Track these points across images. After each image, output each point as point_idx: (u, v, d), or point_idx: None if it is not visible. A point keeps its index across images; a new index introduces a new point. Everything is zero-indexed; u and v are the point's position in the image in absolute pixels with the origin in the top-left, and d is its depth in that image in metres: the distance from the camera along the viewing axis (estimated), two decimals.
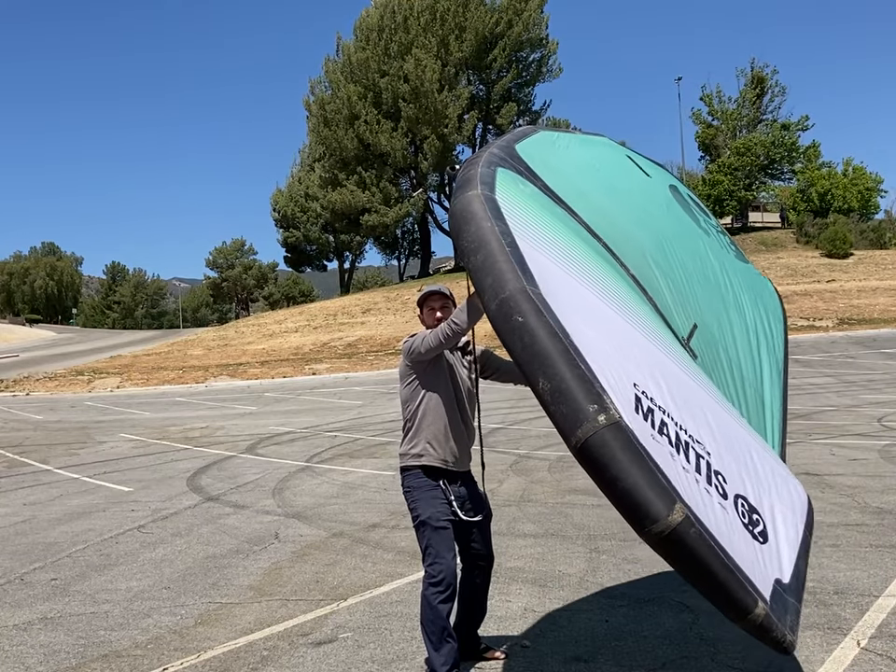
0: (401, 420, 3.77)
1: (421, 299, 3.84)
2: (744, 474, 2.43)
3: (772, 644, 2.13)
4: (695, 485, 2.15)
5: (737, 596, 2.04)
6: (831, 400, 13.31)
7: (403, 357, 3.67)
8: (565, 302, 2.34)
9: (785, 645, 2.12)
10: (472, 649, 3.84)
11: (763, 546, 2.26)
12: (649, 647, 3.96)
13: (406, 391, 3.69)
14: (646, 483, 2.00)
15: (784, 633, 2.12)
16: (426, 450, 3.62)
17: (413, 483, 3.63)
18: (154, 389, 25.15)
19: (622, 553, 5.57)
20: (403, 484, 3.70)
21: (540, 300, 2.27)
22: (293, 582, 5.29)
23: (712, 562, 2.01)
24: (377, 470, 9.22)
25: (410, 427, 3.68)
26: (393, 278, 75.78)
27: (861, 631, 4.00)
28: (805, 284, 37.05)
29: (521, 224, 2.61)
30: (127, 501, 8.31)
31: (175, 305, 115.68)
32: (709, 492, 2.19)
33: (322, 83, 59.01)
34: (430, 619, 3.50)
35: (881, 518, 6.11)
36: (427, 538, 3.54)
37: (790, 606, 2.21)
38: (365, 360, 28.96)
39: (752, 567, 2.14)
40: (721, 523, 2.12)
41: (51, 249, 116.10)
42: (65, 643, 4.42)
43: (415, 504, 3.61)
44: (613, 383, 2.17)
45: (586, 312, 2.46)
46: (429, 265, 68.74)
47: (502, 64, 56.41)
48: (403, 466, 3.70)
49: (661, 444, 2.15)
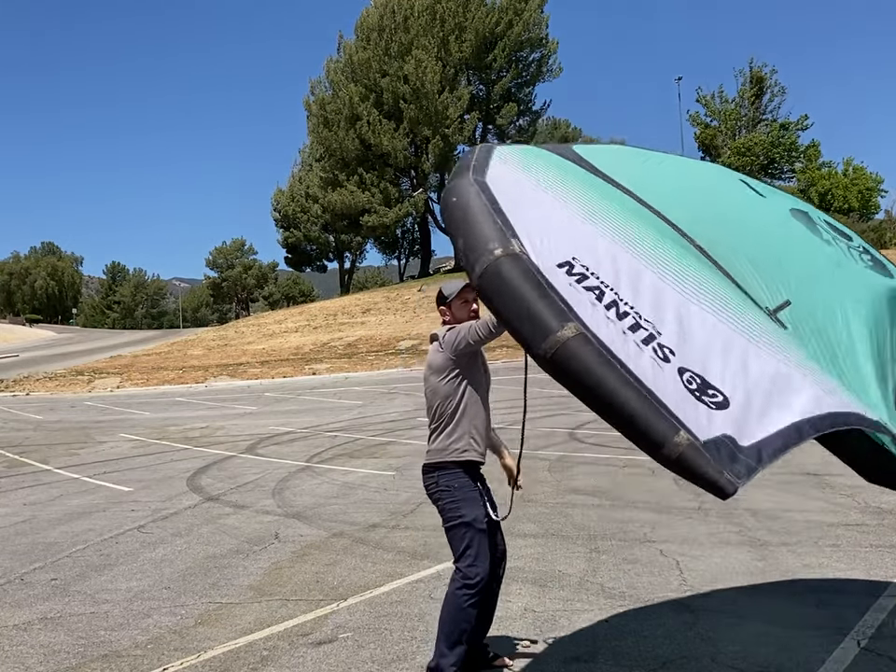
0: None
1: (449, 294, 3.66)
2: (725, 370, 2.20)
3: (705, 485, 1.93)
4: (612, 326, 2.14)
5: (650, 423, 1.96)
6: None
7: (446, 351, 3.53)
8: (515, 196, 2.48)
9: (720, 484, 1.90)
10: (481, 656, 3.79)
11: (717, 411, 2.07)
12: (649, 647, 3.96)
13: (447, 386, 3.55)
14: (541, 303, 2.11)
15: (720, 470, 1.91)
16: (469, 444, 3.56)
17: (454, 483, 3.54)
18: (154, 389, 25.15)
19: (622, 553, 5.57)
20: (439, 483, 3.58)
21: (484, 186, 2.46)
22: (293, 582, 5.29)
23: (611, 379, 2.00)
24: (377, 470, 9.22)
25: (448, 423, 3.56)
26: (393, 278, 75.79)
27: (861, 631, 4.00)
28: None
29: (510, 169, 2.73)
30: (127, 501, 8.31)
31: (175, 305, 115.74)
32: (632, 340, 2.13)
33: (322, 84, 59.03)
34: (456, 619, 3.46)
35: (881, 518, 6.12)
36: (470, 538, 3.48)
37: (739, 459, 1.97)
38: (365, 360, 28.96)
39: (682, 407, 2.01)
40: (643, 365, 2.07)
41: (51, 249, 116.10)
42: (65, 643, 4.42)
43: (457, 504, 3.52)
44: (534, 239, 2.28)
45: (548, 208, 2.54)
46: (429, 265, 68.71)
47: (502, 64, 56.41)
48: (440, 462, 3.57)
49: (578, 291, 2.20)
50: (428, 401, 3.66)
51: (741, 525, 6.08)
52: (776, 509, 6.52)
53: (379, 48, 53.78)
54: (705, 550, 5.51)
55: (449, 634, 3.48)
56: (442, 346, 3.55)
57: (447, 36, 52.78)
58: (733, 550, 5.48)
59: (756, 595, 4.61)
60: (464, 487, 3.55)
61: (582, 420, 12.39)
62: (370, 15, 56.06)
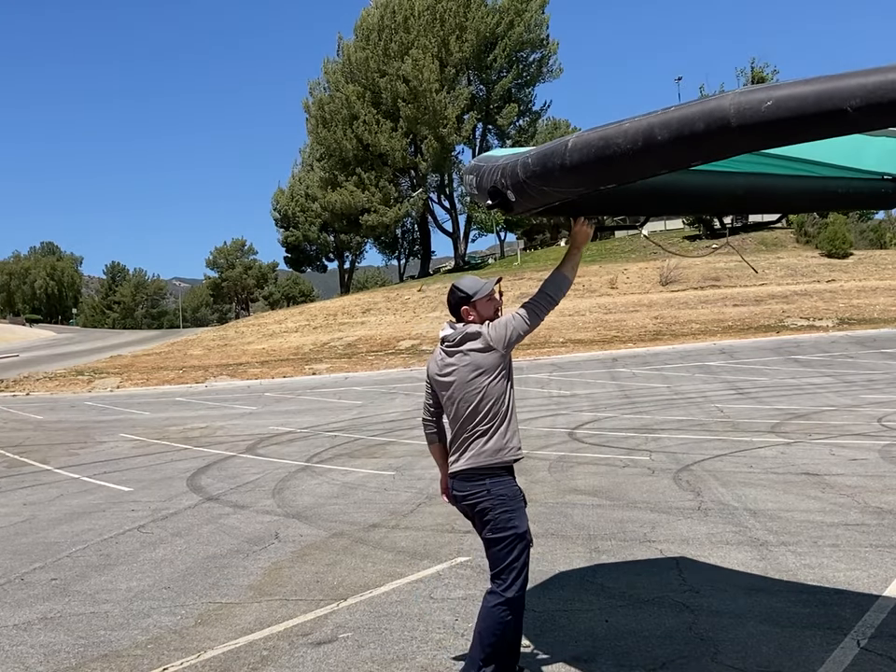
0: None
1: (475, 292, 3.48)
2: None
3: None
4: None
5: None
6: (831, 400, 13.31)
7: (498, 348, 3.36)
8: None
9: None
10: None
11: None
12: (649, 647, 3.96)
13: (500, 384, 3.39)
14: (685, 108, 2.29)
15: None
16: (519, 443, 3.48)
17: (507, 493, 3.38)
18: (154, 389, 25.15)
19: (622, 553, 5.57)
20: (491, 491, 3.37)
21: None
22: (293, 582, 5.29)
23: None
24: (377, 470, 9.22)
25: (502, 422, 3.40)
26: (393, 278, 75.81)
27: (861, 631, 4.00)
28: (805, 284, 37.06)
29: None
30: (127, 501, 8.31)
31: (175, 305, 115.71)
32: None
33: (321, 85, 59.08)
34: (503, 634, 3.36)
35: (881, 518, 6.11)
36: (520, 551, 3.37)
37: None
38: (365, 360, 28.96)
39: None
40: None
41: (51, 249, 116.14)
42: (65, 643, 4.42)
43: (511, 515, 3.36)
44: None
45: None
46: (429, 265, 68.75)
47: (503, 65, 56.45)
48: (492, 466, 3.38)
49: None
50: (471, 404, 3.40)
51: (741, 525, 6.07)
52: (776, 509, 6.51)
53: (378, 48, 53.82)
54: (705, 550, 5.51)
55: (497, 647, 3.37)
56: (493, 344, 3.36)
57: (448, 36, 52.81)
58: (733, 550, 5.48)
59: (756, 594, 4.61)
60: (517, 497, 3.42)
61: (582, 420, 12.40)
62: (369, 15, 56.11)
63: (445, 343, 3.50)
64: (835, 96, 2.01)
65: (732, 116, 2.14)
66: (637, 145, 2.35)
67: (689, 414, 12.56)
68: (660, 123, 2.30)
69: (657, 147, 2.31)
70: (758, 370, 18.80)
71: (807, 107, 2.04)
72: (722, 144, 2.24)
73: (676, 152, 2.32)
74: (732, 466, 8.35)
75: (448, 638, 4.18)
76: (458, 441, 3.46)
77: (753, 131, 2.13)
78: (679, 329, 30.84)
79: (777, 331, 28.43)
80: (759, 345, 24.94)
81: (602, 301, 37.03)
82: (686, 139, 2.24)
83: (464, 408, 3.41)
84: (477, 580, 5.09)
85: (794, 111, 2.06)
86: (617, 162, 2.44)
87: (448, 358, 3.47)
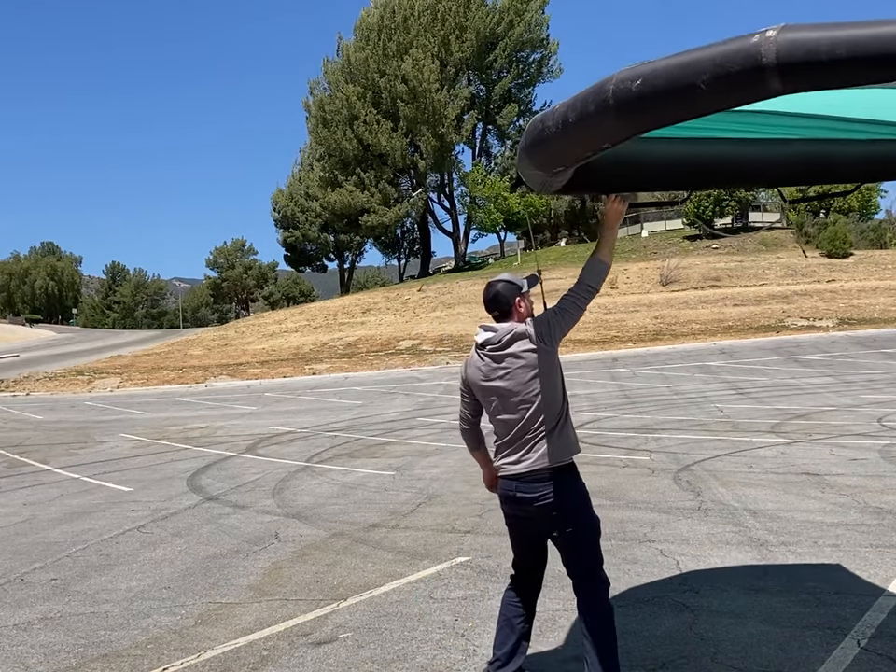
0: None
1: (522, 284, 3.39)
2: None
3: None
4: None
5: None
6: (831, 400, 13.31)
7: (549, 346, 3.26)
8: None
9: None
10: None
11: None
12: (649, 647, 3.96)
13: (556, 381, 3.30)
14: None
15: None
16: (577, 436, 3.44)
17: (584, 487, 3.35)
18: (154, 389, 25.14)
19: (622, 552, 5.57)
20: (578, 487, 3.32)
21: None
22: (293, 582, 5.29)
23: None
24: (377, 470, 9.22)
25: (565, 417, 3.34)
26: (393, 278, 75.83)
27: (861, 631, 4.00)
28: (805, 284, 37.07)
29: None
30: (127, 501, 8.31)
31: (175, 305, 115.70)
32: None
33: (321, 84, 59.10)
34: (613, 630, 3.36)
35: (881, 518, 6.11)
36: (599, 545, 3.42)
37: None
38: (365, 360, 28.96)
39: None
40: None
41: (51, 249, 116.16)
42: (65, 643, 4.42)
43: (591, 508, 3.35)
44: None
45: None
46: (429, 265, 68.77)
47: (503, 65, 56.47)
48: (571, 462, 3.32)
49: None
50: (533, 405, 3.26)
51: (741, 525, 6.07)
52: (776, 509, 6.51)
53: (378, 48, 53.83)
54: (705, 550, 5.51)
55: (613, 647, 3.33)
56: (543, 342, 3.24)
57: (447, 36, 52.83)
58: (733, 550, 5.48)
59: (756, 594, 4.61)
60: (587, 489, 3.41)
61: (582, 420, 12.40)
62: (369, 15, 56.12)
63: (488, 346, 3.31)
64: (689, 71, 1.87)
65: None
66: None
67: (689, 414, 12.56)
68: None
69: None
70: (758, 370, 18.81)
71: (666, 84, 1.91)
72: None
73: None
74: (732, 466, 8.35)
75: (448, 638, 4.18)
76: (518, 442, 3.30)
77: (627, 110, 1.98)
78: (679, 329, 30.85)
79: (777, 331, 28.44)
80: (759, 345, 24.95)
81: (602, 301, 37.01)
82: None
83: (525, 410, 3.27)
84: (477, 580, 5.09)
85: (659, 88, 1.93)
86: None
87: (494, 363, 3.29)
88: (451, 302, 41.63)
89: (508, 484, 3.36)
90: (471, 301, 40.50)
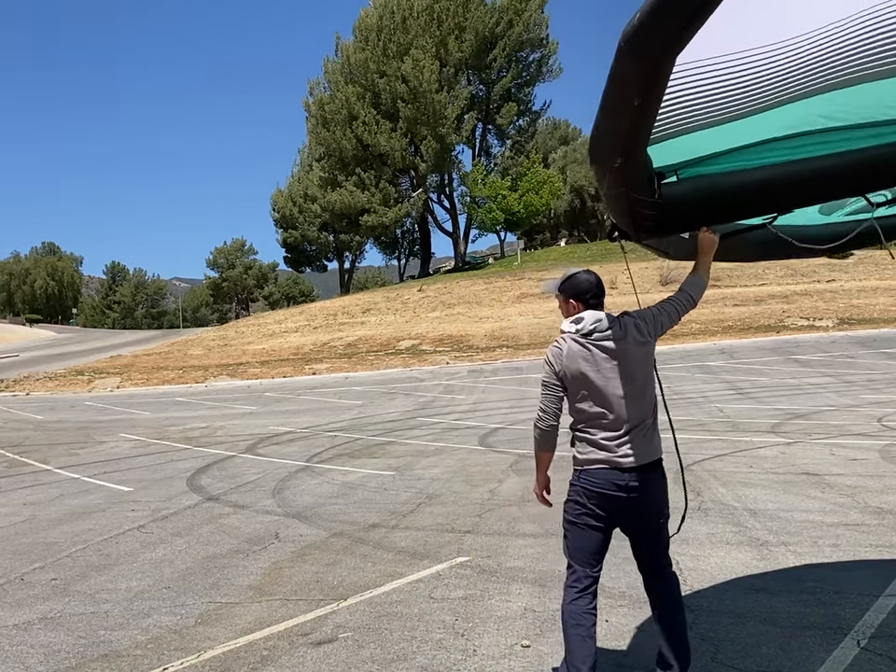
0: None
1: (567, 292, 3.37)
2: None
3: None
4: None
5: None
6: (831, 400, 13.31)
7: (652, 339, 3.33)
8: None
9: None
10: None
11: None
12: (649, 647, 3.96)
13: (653, 375, 3.35)
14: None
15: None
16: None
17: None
18: (154, 389, 25.15)
19: (622, 553, 5.55)
20: (664, 479, 3.58)
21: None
22: (293, 582, 5.29)
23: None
24: (377, 470, 9.22)
25: (657, 413, 3.41)
26: (393, 278, 75.86)
27: (861, 631, 4.00)
28: (805, 284, 37.08)
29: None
30: (127, 501, 8.31)
31: (175, 305, 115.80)
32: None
33: (321, 84, 59.12)
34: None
35: (881, 518, 6.11)
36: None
37: None
38: (365, 360, 28.95)
39: None
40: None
41: (51, 249, 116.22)
42: (65, 643, 4.42)
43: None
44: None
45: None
46: (429, 265, 68.79)
47: (502, 64, 56.46)
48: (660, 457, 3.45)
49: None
50: (642, 395, 3.29)
51: (741, 525, 6.07)
52: (776, 509, 6.51)
53: (377, 48, 53.84)
54: (705, 550, 5.51)
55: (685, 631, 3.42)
56: (650, 336, 3.30)
57: (446, 36, 52.84)
58: (733, 550, 5.48)
59: (756, 594, 4.61)
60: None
61: None
62: (368, 15, 56.13)
63: (596, 333, 3.24)
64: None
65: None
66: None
67: (689, 414, 12.55)
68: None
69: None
70: (758, 370, 18.80)
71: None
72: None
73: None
74: (732, 466, 8.35)
75: (448, 638, 4.18)
76: (628, 435, 3.29)
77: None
78: (678, 329, 30.85)
79: (777, 331, 28.43)
80: (759, 345, 24.95)
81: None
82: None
83: (641, 400, 3.28)
84: (477, 580, 5.09)
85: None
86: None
87: (601, 354, 3.22)
88: (451, 302, 41.63)
89: (616, 476, 3.34)
90: (471, 300, 40.53)
